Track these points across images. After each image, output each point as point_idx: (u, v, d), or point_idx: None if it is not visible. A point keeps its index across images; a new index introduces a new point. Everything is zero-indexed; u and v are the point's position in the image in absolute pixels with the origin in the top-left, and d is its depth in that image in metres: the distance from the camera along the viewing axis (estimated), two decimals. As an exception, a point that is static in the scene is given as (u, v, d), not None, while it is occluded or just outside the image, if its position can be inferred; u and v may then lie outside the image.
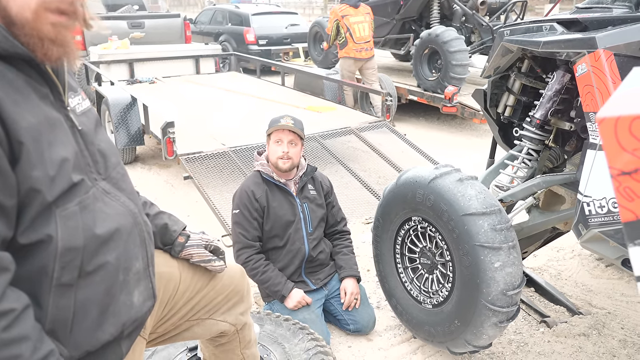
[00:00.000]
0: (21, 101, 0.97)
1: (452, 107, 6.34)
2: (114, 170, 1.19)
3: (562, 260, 3.38)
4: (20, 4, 0.96)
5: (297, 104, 5.85)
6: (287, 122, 2.48)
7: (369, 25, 6.67)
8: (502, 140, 2.80)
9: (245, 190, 2.53)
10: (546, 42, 2.03)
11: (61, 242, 1.01)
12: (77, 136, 1.10)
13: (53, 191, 0.99)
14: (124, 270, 1.15)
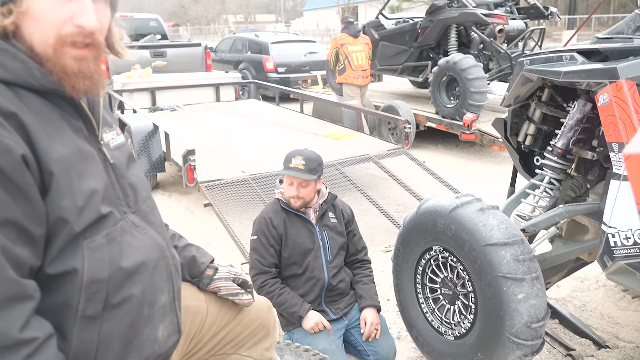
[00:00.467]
0: (55, 134, 1.00)
1: (471, 134, 6.34)
2: (144, 204, 1.21)
3: (587, 291, 3.31)
4: (41, 41, 1.00)
5: (316, 131, 5.90)
6: (297, 165, 2.47)
7: (366, 54, 7.20)
8: (523, 169, 2.79)
9: (264, 217, 2.55)
10: (567, 73, 2.03)
11: (87, 274, 1.02)
12: (109, 170, 1.12)
13: (81, 222, 1.01)
14: (149, 304, 1.15)
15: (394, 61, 8.22)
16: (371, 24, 8.79)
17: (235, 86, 8.21)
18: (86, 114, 1.10)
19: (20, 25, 0.99)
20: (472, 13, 6.87)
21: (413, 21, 8.10)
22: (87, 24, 1.00)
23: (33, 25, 0.99)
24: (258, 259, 2.51)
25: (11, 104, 0.94)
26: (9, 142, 0.91)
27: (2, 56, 0.96)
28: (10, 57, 0.97)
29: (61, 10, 0.99)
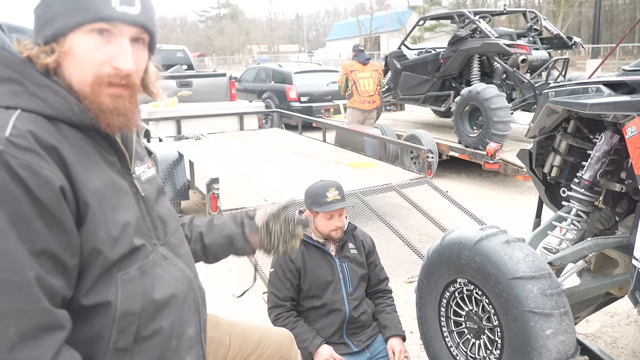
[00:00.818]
0: (90, 166, 1.03)
1: (495, 163, 6.29)
2: (172, 236, 1.23)
3: (617, 326, 3.21)
4: (80, 79, 1.04)
5: (338, 160, 5.92)
6: (334, 196, 2.42)
7: (374, 81, 7.57)
8: (549, 200, 2.75)
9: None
10: (593, 104, 2.02)
11: (120, 306, 1.03)
12: (140, 202, 1.15)
13: (114, 253, 1.03)
14: (177, 336, 1.16)
15: (416, 90, 8.25)
16: (393, 54, 8.89)
17: (259, 115, 8.30)
18: (120, 148, 1.13)
19: (61, 63, 1.03)
20: (494, 43, 6.89)
21: (435, 51, 8.16)
22: (123, 67, 1.04)
23: (73, 64, 1.03)
24: (274, 292, 2.49)
25: (51, 137, 0.97)
26: (49, 173, 0.93)
27: (44, 92, 1.00)
28: (52, 93, 1.01)
29: (100, 51, 1.03)
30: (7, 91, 0.99)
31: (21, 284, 0.90)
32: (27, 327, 0.90)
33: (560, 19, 32.68)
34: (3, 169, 0.89)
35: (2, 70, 1.00)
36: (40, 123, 0.98)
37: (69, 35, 1.01)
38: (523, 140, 6.99)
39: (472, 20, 7.48)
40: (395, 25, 43.92)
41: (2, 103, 0.97)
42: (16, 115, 0.95)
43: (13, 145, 0.91)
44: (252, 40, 64.17)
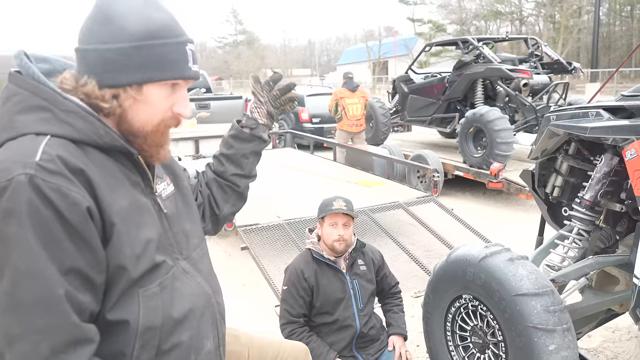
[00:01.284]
0: (115, 187, 1.04)
1: (498, 182, 6.26)
2: (194, 251, 1.23)
3: (619, 341, 3.15)
4: (144, 122, 1.09)
5: (348, 178, 5.92)
6: (340, 206, 2.46)
7: (361, 106, 7.87)
8: (551, 219, 2.72)
9: (295, 268, 2.51)
10: (594, 128, 2.01)
11: (142, 321, 1.04)
12: (163, 219, 1.15)
13: (138, 269, 1.04)
14: (196, 349, 1.15)
15: (422, 112, 8.27)
16: (401, 78, 8.92)
17: (273, 135, 8.35)
18: (143, 168, 1.14)
19: (128, 108, 1.07)
20: (497, 68, 6.91)
21: (441, 75, 8.19)
22: (185, 113, 1.13)
23: (143, 109, 1.08)
24: (287, 309, 2.47)
25: (79, 161, 0.99)
26: (76, 195, 0.95)
27: (72, 117, 1.02)
28: (79, 118, 1.02)
29: (168, 100, 1.10)
30: (37, 119, 1.00)
31: (51, 301, 0.91)
32: (58, 343, 0.91)
33: (560, 45, 32.69)
34: (33, 192, 0.91)
35: (32, 99, 1.02)
36: (69, 147, 0.99)
37: (147, 85, 1.06)
38: (525, 161, 6.95)
39: (475, 46, 7.51)
40: (403, 51, 44.16)
41: (32, 130, 0.99)
42: (46, 141, 0.97)
43: (43, 170, 0.93)
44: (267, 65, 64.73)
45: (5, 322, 0.90)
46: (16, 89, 1.03)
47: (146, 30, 1.04)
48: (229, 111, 9.56)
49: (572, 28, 35.18)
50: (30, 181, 0.91)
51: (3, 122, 1.01)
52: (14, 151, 0.96)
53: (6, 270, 0.90)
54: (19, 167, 0.92)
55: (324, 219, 2.50)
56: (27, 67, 1.04)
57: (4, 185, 0.91)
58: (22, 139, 0.98)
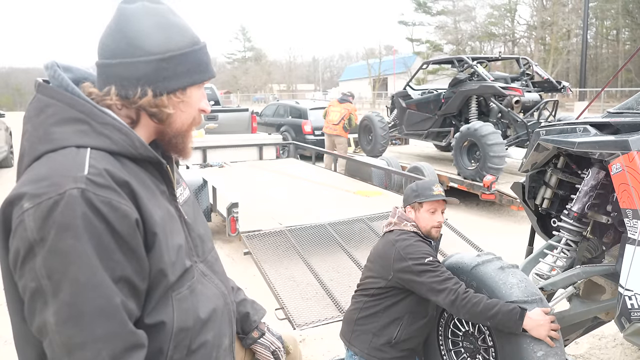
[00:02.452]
0: (151, 197, 1.03)
1: (491, 194, 6.24)
2: (209, 254, 1.23)
3: (605, 348, 3.11)
4: (184, 122, 1.11)
5: (347, 188, 5.90)
6: (440, 191, 2.23)
7: (340, 115, 8.77)
8: (540, 229, 2.70)
9: (423, 241, 2.18)
10: (581, 143, 2.00)
11: (176, 323, 1.03)
12: (184, 225, 1.14)
13: (174, 275, 1.04)
14: (217, 347, 1.15)
15: (419, 127, 8.27)
16: (399, 93, 8.94)
17: (277, 146, 8.35)
18: (169, 177, 1.13)
19: (175, 110, 1.09)
20: (490, 86, 6.92)
21: (437, 92, 8.20)
22: (207, 109, 1.15)
23: (186, 110, 1.10)
24: (447, 271, 2.06)
25: (122, 173, 0.97)
26: (126, 208, 0.94)
27: (109, 130, 1.00)
28: (116, 130, 1.00)
29: (201, 98, 1.14)
30: (75, 131, 0.98)
31: (111, 310, 0.91)
32: (117, 350, 0.91)
33: (550, 65, 32.79)
34: (87, 205, 0.89)
35: (67, 111, 0.99)
36: (110, 160, 0.98)
37: (190, 88, 1.09)
38: (517, 174, 6.93)
39: (470, 65, 7.52)
40: (401, 68, 44.33)
41: (72, 142, 0.96)
42: (89, 154, 0.95)
43: (93, 183, 0.91)
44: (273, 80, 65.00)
45: (66, 332, 0.89)
46: (49, 100, 1.00)
47: (188, 38, 1.07)
48: (235, 122, 9.60)
49: (562, 50, 35.30)
50: (83, 195, 0.89)
51: (38, 134, 0.98)
52: (60, 164, 0.93)
53: (65, 282, 0.88)
54: (69, 181, 0.90)
55: (422, 205, 2.23)
56: (60, 79, 1.01)
57: (56, 199, 0.89)
58: (63, 151, 0.95)
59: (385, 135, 8.53)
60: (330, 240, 4.21)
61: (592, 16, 33.58)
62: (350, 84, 52.83)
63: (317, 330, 3.21)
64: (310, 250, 4.01)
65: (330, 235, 4.26)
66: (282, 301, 3.33)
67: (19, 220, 0.89)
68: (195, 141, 7.77)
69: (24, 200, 0.89)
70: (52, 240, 0.88)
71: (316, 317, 3.27)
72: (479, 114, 7.37)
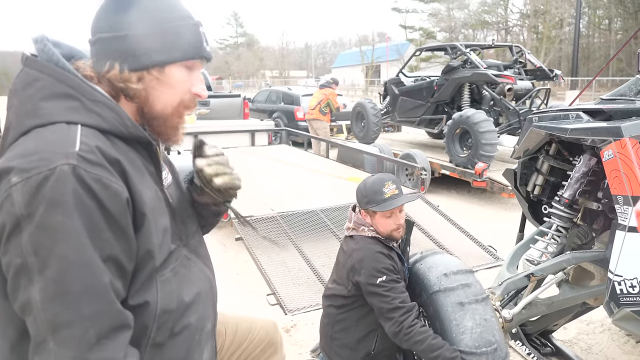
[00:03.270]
0: (141, 177, 1.02)
1: (482, 181, 6.26)
2: (193, 238, 1.21)
3: (592, 334, 3.15)
4: (165, 103, 1.07)
5: (340, 175, 5.89)
6: (393, 191, 1.97)
7: (317, 100, 8.97)
8: (531, 216, 2.71)
9: (382, 253, 1.94)
10: (573, 129, 1.99)
11: (160, 305, 1.03)
12: (169, 207, 1.13)
13: (160, 257, 1.03)
14: (200, 331, 1.15)
15: (412, 114, 8.25)
16: (392, 80, 8.90)
17: (269, 132, 8.31)
18: (157, 158, 1.11)
19: (151, 90, 1.05)
20: (483, 73, 6.90)
21: (430, 79, 8.17)
22: (203, 94, 1.12)
23: (165, 91, 1.06)
24: (399, 295, 1.86)
25: (113, 151, 0.96)
26: (117, 186, 0.92)
27: (100, 107, 0.98)
28: (106, 108, 0.99)
29: (187, 81, 1.09)
30: (65, 107, 0.96)
31: (99, 288, 0.90)
32: (104, 328, 0.90)
33: (543, 54, 32.82)
34: (77, 182, 0.88)
35: (57, 85, 0.97)
36: (101, 138, 0.96)
37: (168, 66, 1.05)
38: (508, 161, 6.95)
39: (463, 52, 7.49)
40: (394, 56, 44.15)
41: (62, 118, 0.95)
42: (80, 131, 0.94)
43: (84, 160, 0.89)
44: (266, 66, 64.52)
45: (52, 310, 0.87)
46: (38, 74, 0.98)
47: (167, 13, 1.04)
48: (227, 108, 9.51)
49: (554, 38, 35.31)
50: (74, 171, 0.87)
51: (26, 108, 0.96)
52: (50, 140, 0.91)
53: (52, 259, 0.86)
54: (60, 157, 0.88)
55: (375, 211, 1.99)
56: (50, 53, 0.99)
57: (46, 174, 0.86)
58: (53, 127, 0.93)
59: (378, 122, 8.51)
60: (322, 226, 4.20)
61: (585, 5, 33.54)
62: (343, 70, 52.61)
63: (308, 315, 3.21)
64: (302, 237, 4.01)
65: (322, 221, 4.26)
66: (274, 287, 3.33)
67: (6, 194, 0.87)
68: (187, 126, 7.68)
69: (11, 174, 0.87)
70: (40, 216, 0.86)
71: (308, 302, 3.28)
72: (471, 102, 7.37)
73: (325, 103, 8.89)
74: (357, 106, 8.91)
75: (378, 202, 1.95)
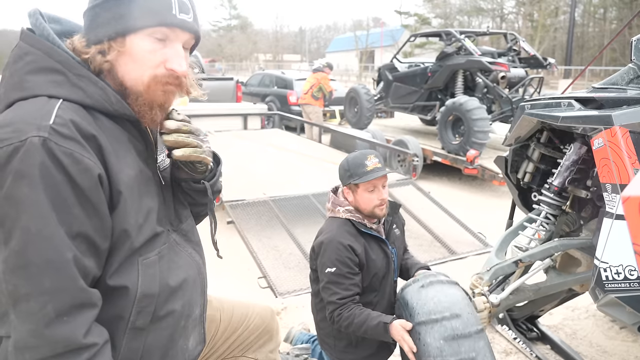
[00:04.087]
0: (123, 154, 1.01)
1: (474, 169, 6.29)
2: (184, 223, 1.21)
3: (577, 319, 3.21)
4: (135, 78, 1.01)
5: (332, 159, 5.89)
6: (375, 164, 1.90)
7: (309, 84, 8.96)
8: (521, 203, 2.74)
9: (341, 243, 1.87)
10: (565, 117, 2.00)
11: (140, 288, 1.02)
12: (161, 190, 1.12)
13: (140, 238, 1.01)
14: (186, 317, 1.14)
15: (405, 100, 8.24)
16: (386, 66, 8.87)
17: (261, 116, 8.26)
18: (149, 138, 1.10)
19: (116, 63, 1.00)
20: (477, 60, 6.89)
21: (424, 65, 8.15)
22: (178, 69, 1.03)
23: (130, 64, 1.00)
24: (339, 292, 1.85)
25: (91, 127, 0.95)
26: (89, 162, 0.91)
27: (84, 82, 0.97)
28: (91, 84, 0.98)
29: (157, 54, 1.01)
30: (50, 80, 0.96)
31: (60, 263, 0.88)
32: (64, 305, 0.89)
33: (537, 42, 32.76)
34: (47, 155, 0.87)
35: (45, 60, 0.97)
36: (80, 113, 0.95)
37: (129, 37, 0.99)
38: (500, 149, 6.99)
39: (458, 39, 7.47)
40: (389, 41, 43.90)
41: (45, 92, 0.94)
42: (59, 104, 0.93)
43: (57, 133, 0.89)
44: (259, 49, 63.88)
45: (13, 281, 0.87)
46: (29, 48, 0.98)
47: None
48: (220, 91, 9.43)
49: (549, 27, 35.24)
50: (44, 144, 0.87)
51: (13, 81, 0.96)
52: (27, 112, 0.91)
53: (16, 230, 0.86)
54: (32, 129, 0.88)
55: (357, 185, 1.93)
56: (42, 27, 0.99)
57: (17, 146, 0.86)
58: (34, 100, 0.93)
59: (371, 108, 8.50)
60: (313, 210, 4.22)
61: (581, -7, 33.48)
62: (338, 55, 52.22)
63: (298, 299, 3.24)
64: (294, 221, 4.02)
65: (313, 205, 4.28)
66: (265, 270, 3.35)
67: None
68: (179, 109, 7.61)
69: None
70: (7, 187, 0.86)
71: (298, 286, 3.31)
72: (464, 89, 7.37)
73: (318, 87, 8.84)
74: (351, 92, 8.88)
75: (360, 175, 1.89)
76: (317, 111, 8.97)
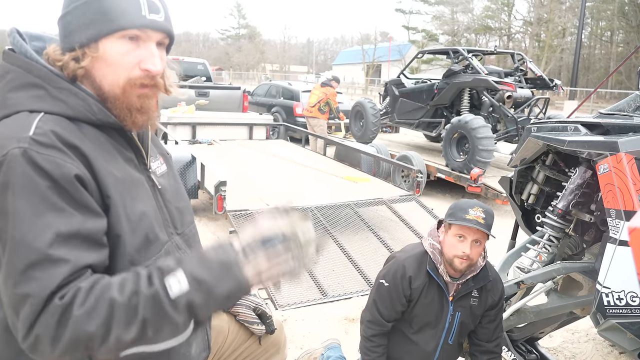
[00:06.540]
0: (110, 160, 1.02)
1: (477, 187, 6.30)
2: (187, 228, 1.22)
3: (577, 343, 3.20)
4: (111, 82, 1.03)
5: (336, 173, 5.91)
6: (477, 217, 1.84)
7: (316, 98, 9.05)
8: (524, 224, 2.75)
9: (405, 269, 1.94)
10: (571, 141, 2.02)
11: None
12: (157, 194, 1.13)
13: (133, 242, 1.02)
14: None
15: (410, 116, 8.28)
16: (392, 81, 8.92)
17: (267, 127, 8.31)
18: (136, 144, 1.12)
19: (91, 68, 1.02)
20: (484, 79, 6.93)
21: (430, 82, 8.20)
22: (153, 69, 1.04)
23: (105, 68, 1.02)
24: (380, 307, 1.95)
25: (73, 136, 0.97)
26: (70, 166, 0.93)
27: (65, 95, 1.00)
28: (72, 95, 1.00)
29: (131, 56, 1.02)
30: (30, 96, 0.99)
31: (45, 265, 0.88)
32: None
33: (544, 63, 32.93)
34: (27, 164, 0.89)
35: (25, 76, 1.00)
36: (62, 123, 0.97)
37: (102, 41, 1.00)
38: (504, 168, 7.00)
39: (465, 57, 7.52)
40: (396, 56, 44.14)
41: (26, 107, 0.97)
42: (39, 117, 0.96)
43: (36, 143, 0.91)
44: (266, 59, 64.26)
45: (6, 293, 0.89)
46: (9, 66, 1.01)
47: None
48: (226, 100, 9.50)
49: (556, 47, 35.44)
50: (24, 154, 0.89)
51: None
52: (8, 127, 0.94)
53: (7, 242, 0.88)
54: (13, 142, 0.90)
55: (450, 226, 1.90)
56: (19, 45, 1.03)
57: (0, 160, 0.89)
58: (16, 116, 0.96)
59: (377, 122, 8.54)
60: (315, 223, 4.23)
61: (589, 16, 33.64)
62: (344, 68, 52.49)
63: (298, 311, 3.24)
64: (296, 233, 4.02)
65: (316, 218, 4.29)
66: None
67: None
68: (185, 117, 7.72)
69: None
70: None
71: (298, 298, 3.31)
72: (470, 107, 7.39)
73: (325, 102, 8.96)
74: (357, 105, 8.93)
75: (456, 218, 1.87)
76: (321, 124, 9.05)
